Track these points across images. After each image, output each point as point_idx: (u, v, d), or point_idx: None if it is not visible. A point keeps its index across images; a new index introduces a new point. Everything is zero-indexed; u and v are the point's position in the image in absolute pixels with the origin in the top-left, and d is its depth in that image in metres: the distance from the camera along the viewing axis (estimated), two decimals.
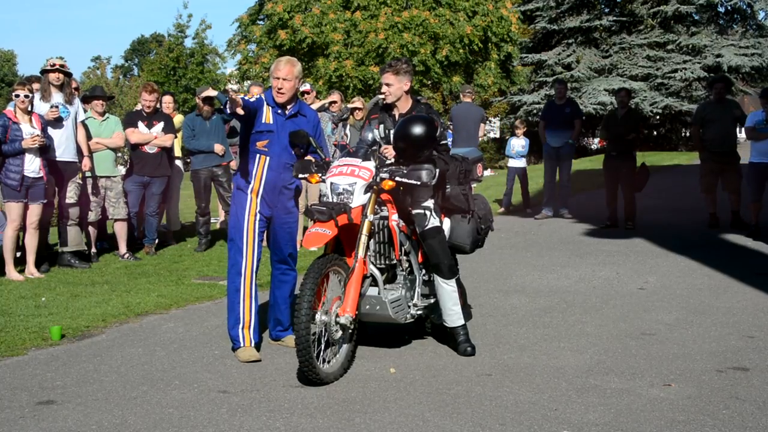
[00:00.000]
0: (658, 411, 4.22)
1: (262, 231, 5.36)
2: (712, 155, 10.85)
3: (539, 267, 8.43)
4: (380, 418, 4.15)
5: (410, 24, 23.57)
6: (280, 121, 5.29)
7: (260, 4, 26.23)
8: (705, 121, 10.92)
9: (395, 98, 5.32)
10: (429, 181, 4.88)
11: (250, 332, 5.25)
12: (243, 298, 5.25)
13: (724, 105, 10.89)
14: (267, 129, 5.25)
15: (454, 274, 5.32)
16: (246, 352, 5.20)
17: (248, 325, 5.25)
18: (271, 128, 5.26)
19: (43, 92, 8.24)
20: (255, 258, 5.27)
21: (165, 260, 9.13)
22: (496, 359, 5.18)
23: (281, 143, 5.26)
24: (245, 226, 5.26)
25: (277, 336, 5.57)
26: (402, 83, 5.28)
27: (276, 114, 5.29)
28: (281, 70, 5.23)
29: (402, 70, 5.26)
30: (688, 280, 7.67)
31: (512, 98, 32.61)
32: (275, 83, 5.25)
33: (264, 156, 5.27)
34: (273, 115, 5.29)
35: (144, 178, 9.37)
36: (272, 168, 5.28)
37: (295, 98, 5.38)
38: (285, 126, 5.28)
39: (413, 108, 5.34)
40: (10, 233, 7.84)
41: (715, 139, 10.77)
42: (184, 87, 31.82)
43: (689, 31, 33.14)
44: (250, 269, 5.26)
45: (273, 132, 5.25)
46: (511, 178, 13.37)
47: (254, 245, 5.27)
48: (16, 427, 4.09)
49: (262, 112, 5.25)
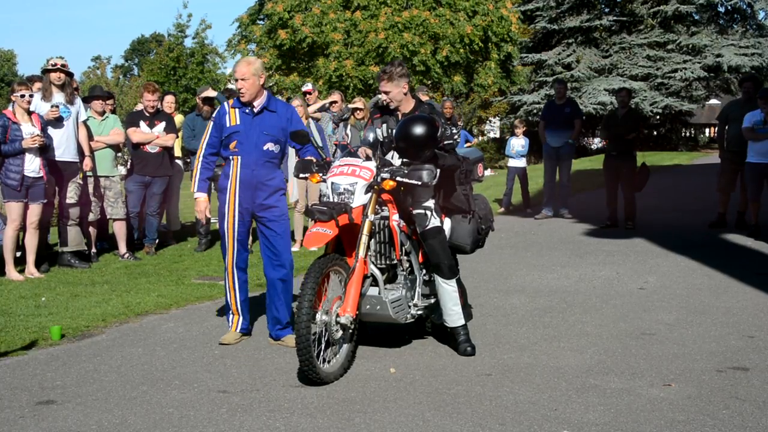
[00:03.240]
0: (658, 411, 4.22)
1: (243, 229, 5.57)
2: (731, 155, 10.68)
3: (539, 267, 8.43)
4: (380, 418, 4.15)
5: (410, 24, 23.58)
6: (248, 120, 5.49)
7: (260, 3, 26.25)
8: (729, 119, 10.73)
9: (397, 102, 5.34)
10: (430, 181, 4.88)
11: (238, 319, 5.67)
12: (229, 290, 5.66)
13: (751, 105, 10.45)
14: (234, 131, 5.48)
15: (454, 274, 5.32)
16: (226, 336, 5.63)
17: (236, 312, 5.67)
18: (238, 129, 5.48)
19: (44, 92, 8.24)
20: (235, 253, 5.57)
21: (165, 260, 9.13)
22: (496, 359, 5.18)
23: (251, 140, 5.46)
24: (226, 225, 5.55)
25: (277, 335, 5.60)
26: (399, 87, 5.29)
27: (243, 113, 5.51)
28: (237, 71, 5.50)
29: (396, 75, 5.26)
30: (688, 280, 7.67)
31: (512, 98, 32.62)
32: (237, 84, 5.50)
33: (236, 156, 5.49)
34: (240, 115, 5.50)
35: (145, 178, 9.38)
36: (245, 165, 5.47)
37: (261, 94, 5.53)
38: (254, 123, 5.48)
39: (416, 108, 5.35)
40: (11, 233, 7.84)
41: (735, 138, 10.55)
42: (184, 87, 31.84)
43: (689, 31, 33.16)
44: (232, 264, 5.59)
45: (240, 132, 5.47)
46: (510, 178, 13.36)
47: (234, 242, 5.56)
48: (16, 427, 4.09)
49: (226, 119, 5.50)
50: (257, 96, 5.48)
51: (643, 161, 11.46)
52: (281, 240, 5.55)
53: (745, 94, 10.88)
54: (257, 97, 5.48)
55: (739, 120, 10.39)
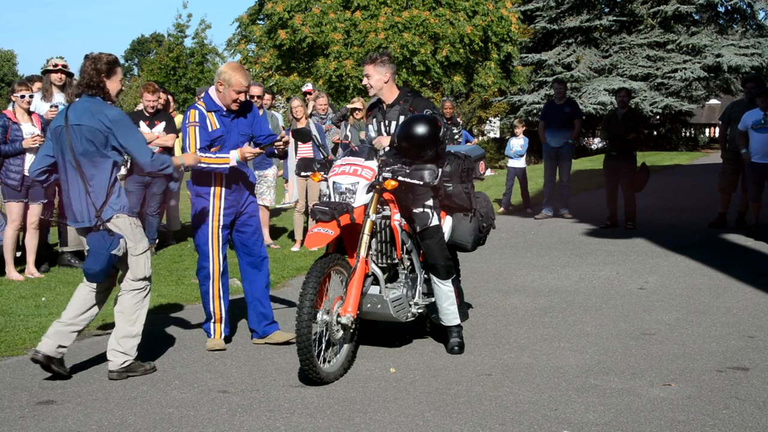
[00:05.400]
0: (658, 411, 4.22)
1: (226, 234, 5.50)
2: (733, 155, 10.65)
3: (539, 267, 8.43)
4: (380, 418, 4.15)
5: (410, 24, 23.56)
6: (227, 122, 5.39)
7: (260, 3, 26.22)
8: (732, 120, 10.68)
9: (377, 89, 5.35)
10: (431, 181, 4.89)
11: (220, 326, 5.56)
12: (213, 298, 5.52)
13: (753, 105, 10.36)
14: (218, 135, 5.34)
15: (450, 275, 5.32)
16: (212, 342, 5.51)
17: (219, 320, 5.55)
18: (221, 132, 5.35)
19: (45, 92, 8.25)
20: (221, 261, 5.48)
21: (165, 260, 9.13)
22: (496, 359, 5.18)
23: (232, 142, 5.37)
24: (210, 232, 5.41)
25: (265, 332, 5.57)
26: (381, 74, 5.30)
27: (221, 116, 5.37)
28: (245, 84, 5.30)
29: (379, 60, 5.29)
30: (688, 280, 7.67)
31: (512, 98, 32.61)
32: (238, 96, 5.30)
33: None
34: (218, 119, 5.37)
35: (145, 178, 9.37)
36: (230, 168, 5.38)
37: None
38: (233, 125, 5.40)
39: (401, 97, 5.38)
40: (11, 233, 7.84)
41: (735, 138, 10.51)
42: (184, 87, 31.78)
43: (689, 31, 33.14)
44: (217, 272, 5.48)
45: (223, 135, 5.35)
46: (510, 178, 13.37)
47: (219, 249, 5.45)
48: (16, 427, 4.09)
49: (206, 124, 5.32)
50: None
51: (643, 161, 11.46)
52: (257, 236, 5.57)
53: (747, 95, 10.84)
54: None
55: (739, 120, 10.36)
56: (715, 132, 41.66)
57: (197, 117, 5.34)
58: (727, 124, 10.88)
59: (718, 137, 19.37)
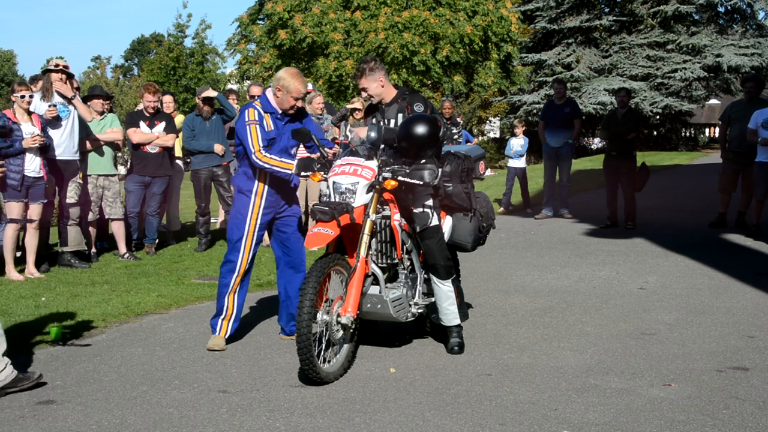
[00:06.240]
0: (658, 411, 4.22)
1: (261, 234, 5.52)
2: (733, 155, 10.66)
3: (539, 267, 8.43)
4: (380, 418, 4.15)
5: (410, 24, 23.57)
6: (280, 125, 5.47)
7: (260, 3, 26.23)
8: (732, 120, 10.69)
9: (377, 96, 5.42)
10: (431, 181, 4.89)
11: (228, 324, 5.53)
12: (230, 293, 5.51)
13: (753, 105, 10.47)
14: (271, 137, 5.40)
15: (449, 275, 5.32)
16: (212, 342, 5.47)
17: (229, 317, 5.52)
18: (274, 135, 5.42)
19: (45, 92, 8.25)
20: (250, 259, 5.49)
21: (165, 260, 9.13)
22: (496, 359, 5.18)
23: (280, 145, 5.44)
24: (246, 228, 5.44)
25: (291, 330, 5.64)
26: (376, 81, 5.36)
27: (275, 119, 5.45)
28: (303, 91, 5.37)
29: (368, 70, 5.34)
30: (688, 280, 7.67)
31: (512, 98, 32.63)
32: (296, 102, 5.38)
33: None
34: (273, 121, 5.45)
35: (145, 178, 9.38)
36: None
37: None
38: (285, 129, 5.47)
39: (399, 95, 5.41)
40: (11, 233, 7.84)
41: (736, 138, 10.52)
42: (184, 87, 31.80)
43: (689, 31, 33.17)
44: (244, 269, 5.49)
45: (275, 138, 5.43)
46: (510, 178, 13.38)
47: (251, 248, 5.48)
48: (16, 427, 4.09)
49: (263, 123, 5.39)
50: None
51: (643, 161, 11.47)
52: (297, 237, 5.60)
53: (747, 94, 10.84)
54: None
55: (741, 120, 10.35)
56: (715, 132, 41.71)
57: (256, 116, 5.39)
58: (727, 124, 10.87)
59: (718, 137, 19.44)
